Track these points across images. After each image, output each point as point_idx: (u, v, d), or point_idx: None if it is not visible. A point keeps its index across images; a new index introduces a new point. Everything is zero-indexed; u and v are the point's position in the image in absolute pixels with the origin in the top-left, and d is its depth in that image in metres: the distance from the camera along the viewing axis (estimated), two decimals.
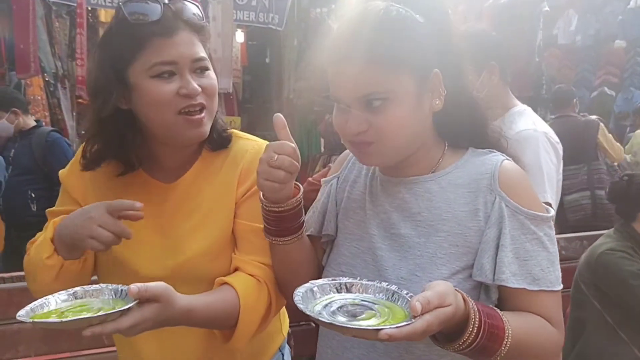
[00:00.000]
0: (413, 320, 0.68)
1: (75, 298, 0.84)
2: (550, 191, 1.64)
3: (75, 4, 4.81)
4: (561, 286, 0.86)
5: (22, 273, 1.86)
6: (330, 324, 0.69)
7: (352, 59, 0.81)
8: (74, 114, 5.49)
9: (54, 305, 0.82)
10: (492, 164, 0.88)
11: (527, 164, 0.96)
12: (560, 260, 2.94)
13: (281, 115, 0.88)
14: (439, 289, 0.72)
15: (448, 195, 0.88)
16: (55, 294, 0.84)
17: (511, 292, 0.84)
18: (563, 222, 4.13)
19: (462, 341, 0.74)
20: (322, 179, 1.07)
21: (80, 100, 5.43)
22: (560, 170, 1.75)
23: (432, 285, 0.73)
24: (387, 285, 0.80)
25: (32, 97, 4.87)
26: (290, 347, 1.65)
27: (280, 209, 0.90)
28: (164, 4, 0.99)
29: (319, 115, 5.46)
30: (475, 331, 0.74)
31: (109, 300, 0.84)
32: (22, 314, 0.78)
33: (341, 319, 0.71)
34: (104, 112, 0.99)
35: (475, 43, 1.67)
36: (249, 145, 1.11)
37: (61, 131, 4.18)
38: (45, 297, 0.82)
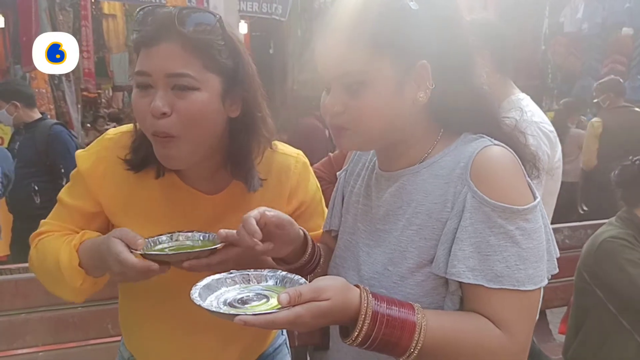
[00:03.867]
0: (276, 310, 0.70)
1: (172, 240, 0.98)
2: (538, 185, 1.62)
3: None
4: (536, 287, 0.77)
5: (28, 264, 1.88)
6: (199, 305, 0.74)
7: (334, 37, 0.81)
8: (79, 106, 5.51)
9: (159, 246, 0.97)
10: (472, 150, 0.81)
11: None
12: (564, 248, 2.92)
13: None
14: (318, 284, 0.73)
15: (426, 187, 0.84)
16: (159, 236, 0.97)
17: (468, 288, 0.78)
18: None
19: (357, 333, 0.73)
20: (337, 172, 1.07)
21: (84, 92, 5.44)
22: (557, 158, 1.73)
23: (317, 280, 0.75)
24: (281, 272, 0.85)
25: (37, 90, 4.89)
26: (295, 338, 1.67)
27: (293, 268, 0.93)
28: (160, 11, 0.93)
29: None
30: (368, 322, 0.73)
31: (198, 241, 0.98)
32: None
33: (213, 303, 0.76)
34: None
35: (474, 31, 1.65)
36: (291, 162, 1.10)
37: (66, 124, 4.20)
38: (152, 239, 0.96)
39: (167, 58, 0.90)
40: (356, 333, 0.73)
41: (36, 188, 3.22)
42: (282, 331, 1.32)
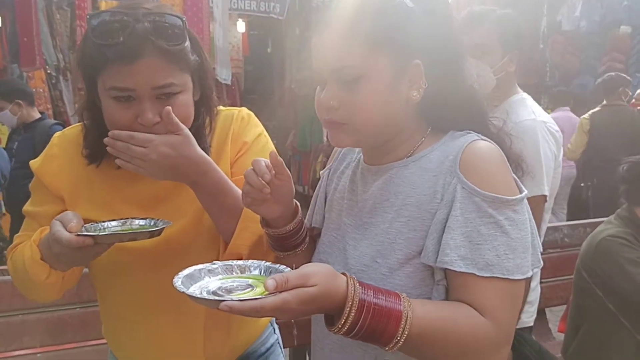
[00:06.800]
0: (263, 296, 0.70)
1: (123, 225, 0.98)
2: (547, 184, 1.63)
3: None
4: (523, 276, 0.79)
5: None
6: (183, 292, 0.73)
7: (332, 33, 0.82)
8: (76, 105, 5.49)
9: (105, 230, 0.96)
10: (460, 144, 0.83)
11: (526, 155, 0.93)
12: (564, 247, 2.92)
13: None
14: (305, 270, 0.74)
15: (415, 179, 0.85)
16: (110, 222, 0.98)
17: (456, 277, 0.78)
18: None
19: (344, 321, 0.73)
20: (321, 171, 1.08)
21: (82, 92, 5.43)
22: (560, 159, 1.75)
23: (304, 266, 0.75)
24: (265, 262, 0.85)
25: (34, 90, 4.87)
26: (294, 337, 1.66)
27: (278, 233, 0.93)
28: (132, 24, 0.91)
29: None
30: (355, 309, 0.73)
31: (147, 226, 0.97)
32: (82, 230, 0.90)
33: (196, 292, 0.75)
34: (86, 104, 1.04)
35: (507, 27, 1.66)
36: (234, 112, 1.14)
37: (64, 123, 4.18)
38: (102, 222, 0.97)
39: (151, 72, 0.92)
40: (342, 321, 0.73)
41: None
42: (274, 330, 1.31)
